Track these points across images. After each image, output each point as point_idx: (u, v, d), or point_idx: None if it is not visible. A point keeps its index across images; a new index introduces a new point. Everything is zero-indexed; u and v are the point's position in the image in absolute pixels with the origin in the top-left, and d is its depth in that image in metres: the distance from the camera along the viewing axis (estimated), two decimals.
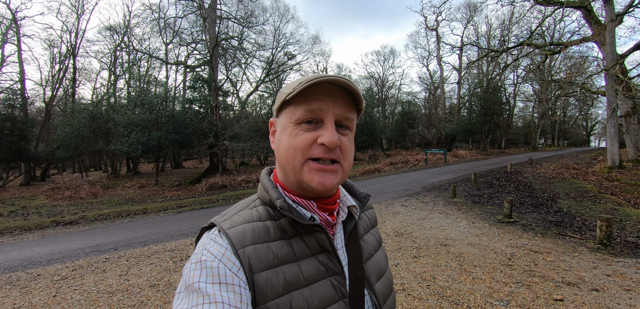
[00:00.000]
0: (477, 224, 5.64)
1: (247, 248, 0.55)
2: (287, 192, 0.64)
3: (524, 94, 40.88)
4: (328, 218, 0.64)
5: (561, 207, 6.87)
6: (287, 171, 0.61)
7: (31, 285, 3.87)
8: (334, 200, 0.67)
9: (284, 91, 0.60)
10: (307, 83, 0.55)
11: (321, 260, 0.60)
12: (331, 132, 0.57)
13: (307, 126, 0.58)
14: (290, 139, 0.59)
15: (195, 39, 22.12)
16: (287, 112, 0.60)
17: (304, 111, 0.57)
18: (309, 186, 0.58)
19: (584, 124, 57.36)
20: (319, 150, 0.57)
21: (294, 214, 0.59)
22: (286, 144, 0.59)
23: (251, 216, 0.61)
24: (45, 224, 7.89)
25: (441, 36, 33.68)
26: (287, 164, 0.60)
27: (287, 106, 0.60)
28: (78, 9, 22.95)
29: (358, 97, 0.60)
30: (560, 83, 20.44)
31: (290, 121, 0.59)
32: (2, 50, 24.22)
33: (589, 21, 14.30)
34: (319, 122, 0.58)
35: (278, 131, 0.63)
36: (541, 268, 3.61)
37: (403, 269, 3.74)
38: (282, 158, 0.60)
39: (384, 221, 6.00)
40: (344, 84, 0.57)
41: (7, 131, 16.62)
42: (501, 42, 27.18)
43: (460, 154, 24.46)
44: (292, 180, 0.62)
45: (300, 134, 0.58)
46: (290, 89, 0.58)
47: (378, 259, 0.71)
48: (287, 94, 0.58)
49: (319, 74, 0.58)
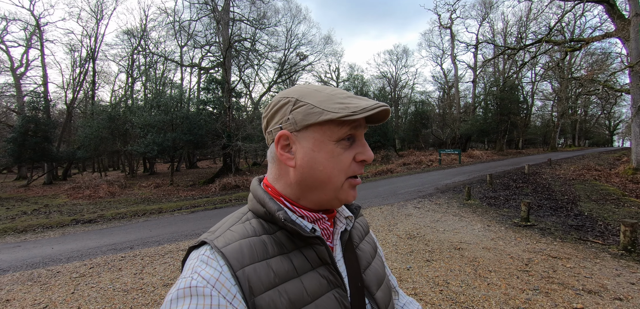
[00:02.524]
0: (493, 227, 5.49)
1: (247, 268, 0.51)
2: (290, 203, 0.61)
3: (543, 92, 39.67)
4: (329, 229, 0.64)
5: (582, 210, 6.61)
6: (320, 189, 0.58)
7: (51, 282, 4.01)
8: (334, 210, 0.66)
9: (326, 107, 0.55)
10: (373, 110, 0.55)
11: (322, 273, 0.58)
12: (369, 148, 0.61)
13: (346, 143, 0.58)
14: (333, 160, 0.57)
15: (209, 42, 22.47)
16: (325, 129, 0.56)
17: (349, 129, 0.57)
18: (345, 201, 0.60)
19: (606, 123, 55.11)
20: (358, 167, 0.60)
21: (295, 226, 0.57)
22: (328, 165, 0.56)
23: (246, 231, 0.57)
24: (66, 222, 8.19)
25: (455, 34, 33.03)
26: (328, 184, 0.57)
27: (326, 123, 0.56)
28: (97, 14, 23.70)
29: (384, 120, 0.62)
30: (581, 81, 19.70)
31: (331, 139, 0.56)
32: (27, 55, 25.32)
33: (612, 16, 13.71)
34: (352, 138, 0.59)
35: (307, 148, 0.57)
36: (560, 274, 3.48)
37: (415, 273, 3.67)
38: (318, 177, 0.57)
39: (395, 223, 5.93)
40: (388, 111, 0.59)
41: (31, 132, 17.34)
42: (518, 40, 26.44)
43: (476, 155, 23.92)
44: (322, 198, 0.59)
45: (342, 153, 0.57)
46: (339, 107, 0.55)
47: (376, 267, 0.70)
48: (343, 115, 0.54)
49: (367, 100, 0.58)
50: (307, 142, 0.57)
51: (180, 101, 19.14)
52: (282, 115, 0.59)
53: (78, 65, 24.87)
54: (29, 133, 17.23)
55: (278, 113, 0.60)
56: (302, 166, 0.58)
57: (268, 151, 0.64)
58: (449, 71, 38.61)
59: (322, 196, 0.59)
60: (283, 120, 0.59)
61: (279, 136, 0.59)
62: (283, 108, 0.60)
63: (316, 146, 0.57)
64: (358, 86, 27.88)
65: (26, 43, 24.56)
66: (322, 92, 0.59)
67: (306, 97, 0.58)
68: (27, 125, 17.24)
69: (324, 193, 0.59)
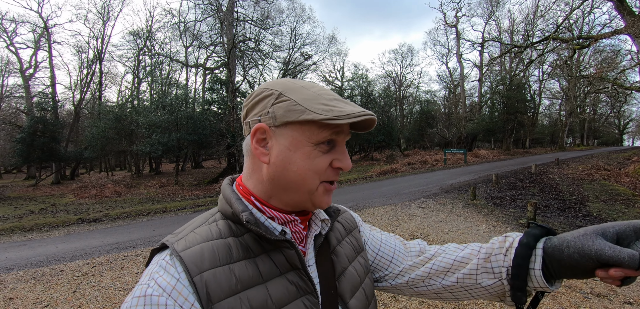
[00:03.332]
0: (498, 228, 5.40)
1: (205, 274, 0.48)
2: (262, 204, 0.58)
3: (550, 91, 39.10)
4: (302, 232, 0.61)
5: (591, 211, 6.47)
6: (293, 190, 0.56)
7: (54, 280, 4.03)
8: (309, 212, 0.63)
9: (309, 106, 0.53)
10: (358, 117, 0.53)
11: (291, 279, 0.55)
12: (348, 156, 0.59)
13: (325, 147, 0.56)
14: (308, 161, 0.54)
15: (213, 42, 22.58)
16: (305, 129, 0.54)
17: (330, 133, 0.55)
18: (318, 205, 0.58)
19: (616, 122, 54.15)
20: (334, 173, 0.58)
21: (261, 228, 0.53)
22: (303, 166, 0.54)
23: (210, 233, 0.54)
24: (72, 221, 8.27)
25: (461, 33, 32.74)
26: (301, 185, 0.55)
27: (307, 123, 0.53)
28: (104, 15, 23.96)
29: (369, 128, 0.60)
30: (590, 79, 19.36)
31: (310, 141, 0.54)
32: (35, 56, 25.72)
33: (622, 12, 13.42)
34: (332, 143, 0.57)
35: (284, 146, 0.54)
36: None
37: None
38: (291, 178, 0.55)
39: (399, 224, 5.86)
40: (373, 120, 0.57)
41: (39, 132, 17.60)
42: (525, 37, 26.08)
43: (482, 154, 23.67)
44: (294, 199, 0.57)
45: (319, 156, 0.55)
46: (323, 109, 0.53)
47: (353, 272, 0.66)
48: (326, 117, 0.51)
49: (353, 106, 0.56)
50: (285, 139, 0.54)
51: (185, 101, 19.27)
52: (263, 107, 0.56)
53: (85, 66, 25.21)
54: (37, 133, 17.49)
55: (259, 104, 0.57)
56: (276, 163, 0.55)
57: (244, 142, 0.61)
58: (454, 70, 38.28)
59: (294, 197, 0.57)
60: (263, 112, 0.56)
61: (255, 129, 0.56)
62: (265, 100, 0.56)
63: (293, 145, 0.54)
64: (363, 86, 27.79)
65: (35, 45, 24.96)
66: (308, 90, 0.56)
67: (290, 92, 0.55)
68: (35, 125, 17.51)
69: (296, 195, 0.56)
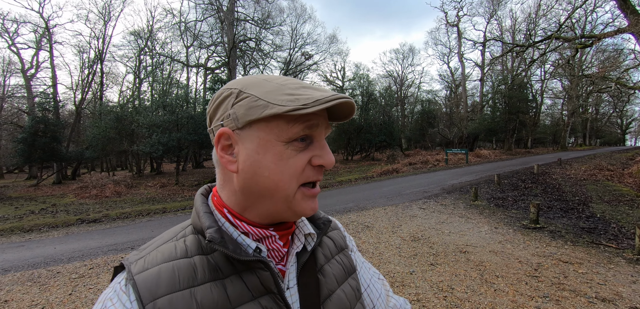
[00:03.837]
0: (500, 229, 5.33)
1: (160, 301, 0.43)
2: (236, 217, 0.52)
3: (552, 90, 38.91)
4: (281, 249, 0.55)
5: (594, 212, 6.38)
6: (267, 199, 0.49)
7: (50, 282, 3.99)
8: (291, 225, 0.57)
9: (271, 99, 0.46)
10: (329, 102, 0.45)
11: (264, 305, 0.48)
12: (329, 151, 0.52)
13: (299, 144, 0.49)
14: (281, 163, 0.48)
15: (214, 42, 22.57)
16: (272, 127, 0.47)
17: (302, 128, 0.47)
18: (301, 214, 0.51)
19: (618, 121, 53.85)
20: (314, 172, 0.51)
21: (228, 248, 0.47)
22: (276, 169, 0.47)
23: (174, 252, 0.49)
24: (71, 221, 8.24)
25: (462, 32, 32.57)
26: (276, 192, 0.48)
27: (273, 119, 0.47)
28: (105, 15, 23.95)
29: (349, 116, 0.53)
30: (593, 78, 19.20)
31: (279, 139, 0.47)
32: (37, 57, 25.77)
33: (625, 11, 13.29)
34: (308, 139, 0.50)
35: (251, 150, 0.48)
36: (572, 280, 3.32)
37: (418, 277, 3.54)
38: (264, 184, 0.48)
39: (400, 225, 5.80)
40: (351, 105, 0.49)
41: (41, 132, 17.62)
42: (527, 36, 25.92)
43: (483, 154, 23.54)
44: (271, 209, 0.50)
45: (294, 155, 0.48)
46: (287, 99, 0.46)
47: (341, 296, 0.58)
48: (290, 108, 0.44)
49: (319, 90, 0.49)
50: (251, 142, 0.48)
51: (186, 101, 19.24)
52: (224, 110, 0.50)
53: (86, 66, 25.22)
54: (38, 133, 17.50)
55: (220, 107, 0.51)
56: (245, 170, 0.48)
57: (213, 152, 0.55)
58: (456, 69, 38.15)
59: (271, 207, 0.50)
60: (224, 115, 0.50)
61: (218, 135, 0.49)
62: (225, 101, 0.50)
63: (261, 147, 0.48)
64: (364, 85, 27.68)
65: (36, 45, 25.00)
66: (271, 82, 0.50)
67: (251, 87, 0.49)
68: (36, 125, 17.53)
69: (272, 204, 0.50)
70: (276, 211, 0.50)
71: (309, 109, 0.44)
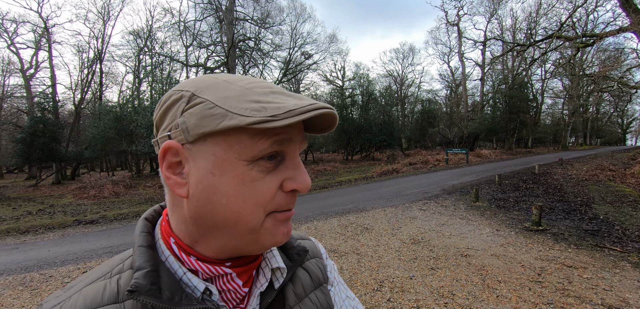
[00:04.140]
0: (502, 232, 5.23)
1: None
2: (183, 251, 0.42)
3: (553, 90, 38.88)
4: (240, 290, 0.44)
5: (597, 213, 6.29)
6: (225, 232, 0.39)
7: (42, 287, 3.90)
8: (256, 257, 0.46)
9: (231, 107, 0.36)
10: (306, 113, 0.36)
11: None
12: (304, 171, 0.42)
13: (267, 164, 0.39)
14: (243, 189, 0.38)
15: (214, 42, 22.48)
16: (232, 142, 0.37)
17: (270, 144, 0.38)
18: (271, 244, 0.42)
19: (619, 121, 53.75)
20: (286, 199, 0.41)
21: (161, 298, 0.37)
22: (236, 196, 0.38)
23: (100, 296, 0.39)
24: (68, 222, 8.15)
25: (463, 31, 32.48)
26: (237, 224, 0.39)
27: (233, 132, 0.37)
28: (104, 15, 23.87)
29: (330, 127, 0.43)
30: (594, 78, 19.08)
31: (241, 157, 0.37)
32: (36, 56, 25.71)
33: (627, 10, 13.22)
34: (279, 156, 0.41)
35: (205, 170, 0.38)
36: (576, 286, 3.22)
37: (418, 282, 3.45)
38: (221, 215, 0.38)
39: (399, 227, 5.71)
40: (331, 116, 0.40)
41: (40, 132, 17.56)
42: (528, 36, 25.80)
43: (484, 154, 23.44)
44: (230, 244, 0.41)
45: (261, 178, 0.39)
46: (252, 108, 0.36)
47: None
48: (255, 120, 0.35)
49: (294, 97, 0.40)
50: (205, 160, 0.38)
51: None
52: (172, 117, 0.40)
53: (86, 66, 25.14)
54: (37, 133, 17.44)
55: (168, 114, 0.40)
56: (196, 196, 0.38)
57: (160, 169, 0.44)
58: (456, 69, 38.07)
59: (229, 241, 0.40)
60: (172, 125, 0.39)
61: (163, 149, 0.39)
62: (174, 107, 0.40)
63: (217, 166, 0.37)
64: (364, 85, 27.61)
65: (35, 45, 24.95)
66: (232, 84, 0.39)
67: (206, 90, 0.38)
68: (35, 125, 17.47)
69: (232, 237, 0.40)
70: (237, 245, 0.41)
71: (279, 121, 0.35)
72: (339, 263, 4.09)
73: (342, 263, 4.11)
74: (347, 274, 3.74)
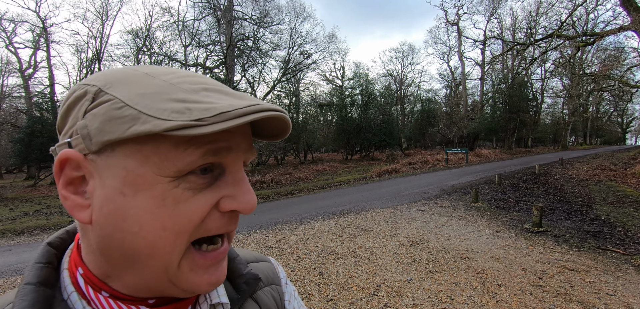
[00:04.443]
0: (502, 233, 5.15)
1: None
2: (90, 286, 0.33)
3: (553, 89, 38.83)
4: None
5: (598, 214, 6.20)
6: (137, 267, 0.31)
7: None
8: None
9: (146, 108, 0.28)
10: (245, 115, 0.29)
11: None
12: (248, 188, 0.34)
13: (199, 180, 0.31)
14: (164, 212, 0.29)
15: (213, 41, 22.38)
16: (149, 152, 0.29)
17: (202, 154, 0.30)
18: (190, 291, 0.33)
19: (619, 120, 53.68)
20: (223, 222, 0.33)
21: None
22: (151, 222, 0.29)
23: None
24: (64, 223, 8.07)
25: (462, 31, 32.41)
26: (150, 259, 0.30)
27: (149, 140, 0.29)
28: (103, 15, 23.77)
29: (284, 133, 0.35)
30: (595, 77, 19.00)
31: (162, 172, 0.29)
32: (35, 56, 25.64)
33: (628, 8, 13.14)
34: (217, 169, 0.33)
35: (112, 188, 0.29)
36: (579, 290, 3.14)
37: (416, 286, 3.37)
38: (132, 246, 0.30)
39: (398, 228, 5.62)
40: (281, 119, 0.33)
41: (38, 132, 17.50)
42: (528, 35, 25.71)
43: (484, 154, 23.36)
44: (140, 283, 0.32)
45: (188, 198, 0.30)
46: (172, 110, 0.28)
47: None
48: (176, 125, 0.27)
49: (232, 95, 0.32)
50: (113, 176, 0.29)
51: None
52: (74, 119, 0.31)
53: (84, 66, 25.02)
54: (35, 134, 17.38)
55: (69, 115, 0.32)
56: (101, 222, 0.30)
57: None
58: (456, 68, 38.00)
59: (143, 279, 0.32)
60: (73, 129, 0.31)
61: (60, 161, 0.30)
62: (76, 105, 0.31)
63: (129, 184, 0.29)
64: (363, 85, 27.53)
65: (34, 45, 24.87)
66: (155, 78, 0.31)
67: (117, 85, 0.30)
68: (34, 125, 17.43)
69: (145, 275, 0.31)
70: (153, 286, 0.32)
71: (206, 126, 0.28)
72: (335, 266, 4.00)
73: (338, 265, 4.02)
74: (343, 277, 3.66)
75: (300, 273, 3.85)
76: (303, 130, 24.62)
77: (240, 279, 0.43)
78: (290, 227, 6.09)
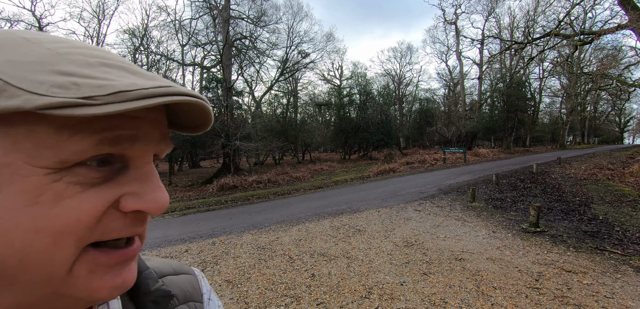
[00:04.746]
0: (499, 234, 5.06)
1: None
2: None
3: (551, 88, 38.86)
4: None
5: (596, 214, 6.12)
6: (4, 287, 0.24)
7: None
8: None
9: (19, 81, 0.22)
10: (156, 97, 0.24)
11: None
12: (159, 185, 0.29)
13: (92, 173, 0.25)
14: (37, 211, 0.23)
15: (210, 40, 22.24)
16: (20, 135, 0.22)
17: (95, 143, 0.24)
18: (90, 302, 0.27)
19: (616, 119, 53.81)
20: (122, 223, 0.27)
21: None
22: (23, 225, 0.23)
23: None
24: None
25: (460, 30, 32.38)
26: (22, 272, 0.23)
27: (17, 120, 0.22)
28: (99, 14, 23.58)
29: (205, 123, 0.31)
30: (593, 76, 18.96)
31: (35, 162, 0.23)
32: None
33: (626, 7, 13.08)
34: (118, 163, 0.27)
35: None
36: (576, 293, 3.04)
37: (409, 289, 3.27)
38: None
39: (393, 229, 5.52)
40: (199, 106, 0.28)
41: None
42: (526, 34, 25.68)
43: (481, 153, 23.31)
44: (17, 301, 0.24)
45: (74, 195, 0.24)
46: (53, 83, 0.22)
47: None
48: (57, 101, 0.21)
49: (136, 74, 0.26)
50: None
51: None
52: None
53: None
54: None
55: None
56: None
57: None
58: (454, 68, 37.97)
59: (14, 298, 0.24)
60: None
61: None
62: None
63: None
64: (361, 84, 27.43)
65: None
66: (37, 45, 0.24)
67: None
68: None
69: (16, 294, 0.24)
70: (33, 303, 0.25)
71: (98, 106, 0.22)
72: (327, 268, 3.90)
73: (330, 267, 3.92)
74: (335, 280, 3.56)
75: (291, 275, 3.75)
76: (301, 130, 24.52)
77: (146, 297, 0.34)
78: (284, 227, 5.99)
